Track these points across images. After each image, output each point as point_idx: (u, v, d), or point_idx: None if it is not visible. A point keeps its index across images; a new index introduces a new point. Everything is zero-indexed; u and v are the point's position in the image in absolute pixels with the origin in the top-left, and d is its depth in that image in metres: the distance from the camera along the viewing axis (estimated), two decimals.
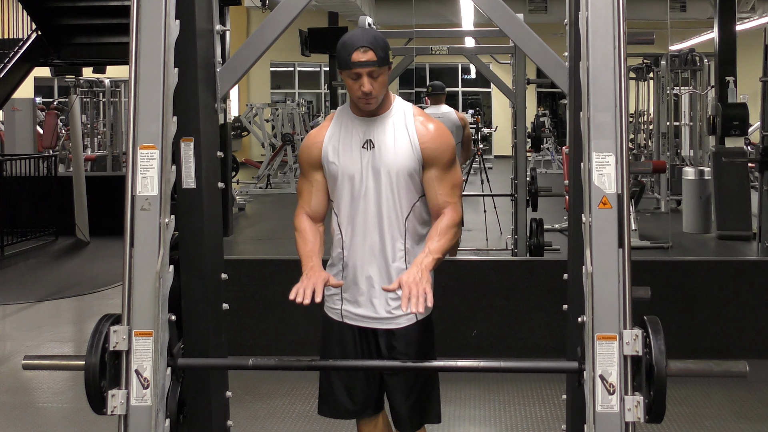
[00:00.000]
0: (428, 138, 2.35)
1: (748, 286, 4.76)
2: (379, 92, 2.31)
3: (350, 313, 2.45)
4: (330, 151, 2.39)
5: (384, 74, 2.31)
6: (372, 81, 2.28)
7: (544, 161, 17.43)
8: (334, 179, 2.39)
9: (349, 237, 2.39)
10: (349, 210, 2.38)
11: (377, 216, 2.36)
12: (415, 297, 2.11)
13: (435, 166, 2.36)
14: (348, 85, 2.32)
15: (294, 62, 21.34)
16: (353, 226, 2.38)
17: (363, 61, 2.26)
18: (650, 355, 1.84)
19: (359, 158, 2.36)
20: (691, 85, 11.41)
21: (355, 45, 2.27)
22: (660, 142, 11.61)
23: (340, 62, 2.31)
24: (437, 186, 2.36)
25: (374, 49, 2.27)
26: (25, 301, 6.55)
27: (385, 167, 2.34)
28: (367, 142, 2.36)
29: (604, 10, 2.02)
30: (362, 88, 2.28)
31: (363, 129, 2.38)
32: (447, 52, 7.48)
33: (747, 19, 14.22)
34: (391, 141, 2.35)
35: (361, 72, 2.27)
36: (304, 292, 2.17)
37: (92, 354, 1.94)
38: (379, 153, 2.35)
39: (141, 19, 2.10)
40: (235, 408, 2.58)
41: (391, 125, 2.37)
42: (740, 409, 4.04)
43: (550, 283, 4.57)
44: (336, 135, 2.40)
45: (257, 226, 11.09)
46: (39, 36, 9.17)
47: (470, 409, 4.05)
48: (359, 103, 2.34)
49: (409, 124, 2.37)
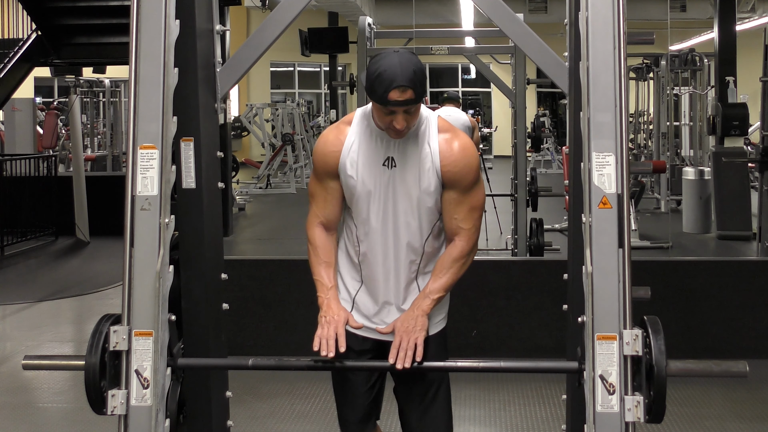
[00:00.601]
0: (451, 160, 2.20)
1: (748, 286, 4.76)
2: (412, 124, 2.17)
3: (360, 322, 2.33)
4: (348, 164, 2.23)
5: (419, 108, 2.16)
6: (407, 117, 2.13)
7: (544, 161, 17.44)
8: (351, 193, 2.26)
9: (365, 250, 2.29)
10: (365, 226, 2.27)
11: (394, 236, 2.25)
12: (403, 351, 2.09)
13: (455, 188, 2.22)
14: (378, 115, 2.16)
15: (294, 62, 21.35)
16: (369, 241, 2.27)
17: (401, 101, 2.08)
18: (650, 355, 1.84)
19: (379, 176, 2.22)
20: (691, 85, 11.41)
21: (394, 82, 2.06)
22: (660, 142, 11.61)
23: (373, 94, 2.11)
24: (454, 209, 2.23)
25: (414, 87, 2.08)
26: (25, 301, 6.55)
27: (405, 189, 2.21)
28: (388, 159, 2.22)
29: (604, 10, 2.02)
30: (395, 125, 2.12)
31: (384, 145, 2.22)
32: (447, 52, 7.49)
33: (747, 19, 14.22)
34: (413, 160, 2.20)
35: (398, 110, 2.10)
36: (328, 344, 2.13)
37: (92, 354, 1.94)
38: (401, 172, 2.21)
39: (141, 19, 2.10)
40: (235, 408, 2.58)
41: (413, 143, 2.21)
42: (740, 409, 4.04)
43: (550, 283, 4.57)
44: (355, 147, 2.24)
45: (257, 226, 11.09)
46: (39, 36, 9.17)
47: (470, 409, 4.05)
48: (388, 133, 2.19)
49: (432, 142, 2.21)
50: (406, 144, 2.22)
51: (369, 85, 2.12)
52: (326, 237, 2.33)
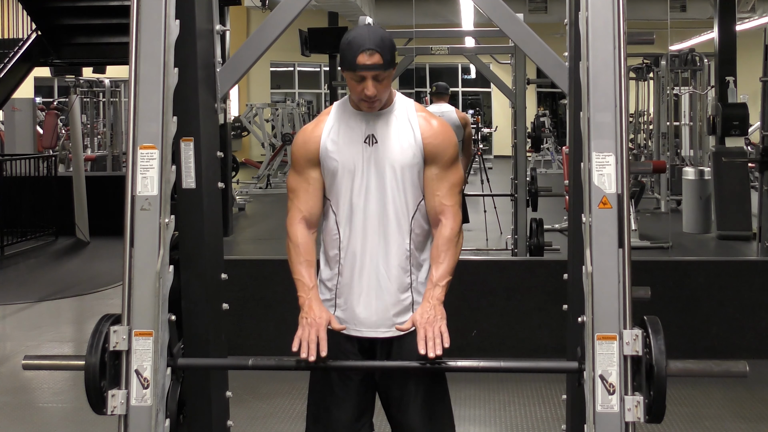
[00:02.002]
0: (431, 133, 2.24)
1: (748, 286, 4.76)
2: (383, 94, 2.20)
3: (343, 321, 2.24)
4: (329, 146, 2.24)
5: (389, 77, 2.20)
6: (377, 84, 2.16)
7: (544, 161, 17.44)
8: (333, 175, 2.24)
9: (347, 237, 2.24)
10: (348, 208, 2.23)
11: (380, 215, 2.21)
12: (431, 340, 2.04)
13: (436, 163, 2.24)
14: (350, 86, 2.21)
15: (294, 62, 21.35)
16: (351, 225, 2.23)
17: (369, 64, 2.13)
18: (650, 355, 1.84)
19: (361, 153, 2.22)
20: (691, 85, 11.41)
21: (362, 47, 2.13)
22: (660, 142, 11.61)
23: (343, 62, 2.18)
24: (436, 185, 2.23)
25: (381, 51, 2.15)
26: (25, 301, 6.54)
27: (389, 163, 2.21)
28: (369, 137, 2.23)
29: (604, 10, 2.02)
30: (366, 92, 2.16)
31: (364, 124, 2.24)
32: (447, 52, 7.49)
33: (747, 19, 14.22)
34: (394, 136, 2.23)
35: (366, 75, 2.15)
36: (309, 348, 2.06)
37: (92, 354, 1.94)
38: (383, 148, 2.22)
39: (141, 19, 2.10)
40: (235, 408, 2.58)
41: (393, 120, 2.25)
42: (740, 409, 4.04)
43: (550, 283, 4.57)
44: (335, 129, 2.26)
45: (257, 226, 11.09)
46: (39, 36, 9.17)
47: (470, 409, 4.05)
48: (361, 105, 2.23)
49: (412, 119, 2.25)
50: (386, 122, 2.25)
51: (341, 55, 2.17)
52: (307, 235, 2.26)
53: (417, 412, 2.27)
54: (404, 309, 2.24)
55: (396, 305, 2.24)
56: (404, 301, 2.24)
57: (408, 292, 2.25)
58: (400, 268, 2.24)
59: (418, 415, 2.27)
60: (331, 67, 15.69)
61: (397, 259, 2.23)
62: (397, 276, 2.23)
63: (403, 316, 2.23)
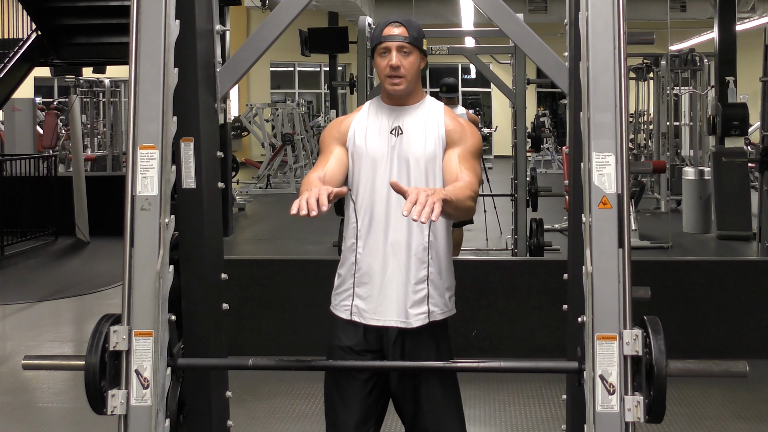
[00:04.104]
0: (454, 126, 2.30)
1: (748, 286, 4.76)
2: (408, 72, 2.25)
3: (360, 310, 2.28)
4: (357, 134, 2.30)
5: (414, 55, 2.26)
6: (401, 58, 2.24)
7: (544, 161, 17.44)
8: (356, 163, 2.28)
9: (366, 226, 2.26)
10: (369, 196, 2.26)
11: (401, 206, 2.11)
12: (421, 205, 1.84)
13: (456, 146, 2.26)
14: (378, 67, 2.28)
15: (294, 62, 21.35)
16: (372, 214, 2.25)
17: (394, 34, 2.25)
18: (650, 355, 1.84)
19: (386, 143, 2.27)
20: (691, 85, 11.41)
21: (389, 21, 2.28)
22: (660, 142, 11.61)
23: (372, 41, 2.29)
24: (454, 165, 2.22)
25: (407, 26, 2.26)
26: (25, 301, 6.55)
27: (413, 154, 2.25)
28: (395, 128, 2.29)
29: (604, 10, 2.02)
30: (390, 62, 2.23)
31: (393, 116, 2.31)
32: (447, 52, 7.47)
33: (747, 19, 14.23)
34: (420, 129, 2.28)
35: (391, 46, 2.24)
36: (308, 204, 1.87)
37: (92, 354, 1.94)
38: (408, 140, 2.27)
39: (141, 19, 2.10)
40: (235, 408, 2.58)
41: (422, 115, 2.31)
42: (740, 409, 4.05)
43: (550, 283, 4.57)
44: (364, 120, 2.33)
45: (257, 226, 11.09)
46: (39, 36, 9.17)
47: (470, 409, 4.05)
48: (387, 84, 2.27)
49: (439, 118, 2.31)
50: (414, 115, 2.30)
51: (371, 37, 2.32)
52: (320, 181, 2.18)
53: (431, 417, 2.30)
54: (419, 300, 2.26)
55: (411, 296, 2.25)
56: (419, 293, 2.26)
57: (424, 284, 2.26)
58: (418, 259, 2.25)
59: (431, 420, 2.31)
60: (331, 67, 15.70)
61: (415, 251, 2.25)
62: (415, 268, 2.25)
63: (417, 307, 2.25)
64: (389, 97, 2.32)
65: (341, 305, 2.33)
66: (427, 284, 2.26)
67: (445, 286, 2.31)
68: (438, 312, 2.29)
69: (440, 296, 2.30)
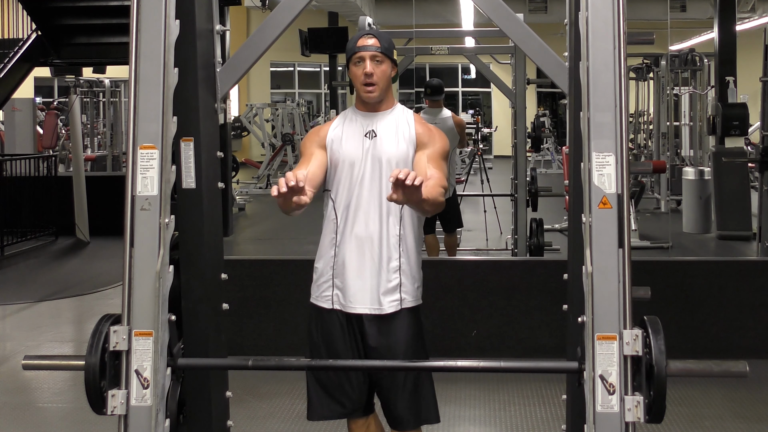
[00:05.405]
0: (423, 130, 2.50)
1: (748, 286, 4.76)
2: (381, 80, 2.45)
3: (340, 299, 2.47)
4: (334, 139, 2.49)
5: (386, 64, 2.46)
6: (374, 66, 2.43)
7: (544, 161, 17.43)
8: (335, 165, 2.47)
9: (343, 221, 2.45)
10: (346, 195, 2.45)
11: (376, 202, 2.42)
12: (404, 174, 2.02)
13: (424, 149, 2.45)
14: (353, 76, 2.46)
15: (294, 62, 21.35)
16: (348, 211, 2.44)
17: (368, 45, 2.44)
18: (650, 355, 1.84)
19: (361, 146, 2.46)
20: (691, 85, 11.41)
21: (361, 33, 2.49)
22: (660, 142, 11.61)
23: (347, 53, 2.48)
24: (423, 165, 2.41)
25: (378, 37, 2.47)
26: (25, 301, 6.54)
27: (386, 155, 2.44)
28: (369, 132, 2.48)
29: (604, 10, 2.02)
30: (364, 70, 2.42)
31: (367, 121, 2.49)
32: (447, 52, 7.48)
33: (747, 19, 14.23)
34: (393, 132, 2.47)
35: (364, 56, 2.43)
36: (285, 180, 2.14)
37: (92, 354, 1.94)
38: (381, 142, 2.46)
39: (141, 19, 2.10)
40: (235, 408, 2.58)
41: (393, 120, 2.50)
42: (740, 409, 4.04)
43: (550, 283, 4.57)
44: (340, 127, 2.52)
45: (257, 226, 11.09)
46: (39, 36, 9.16)
47: (470, 409, 4.05)
48: (362, 92, 2.46)
49: (410, 122, 2.51)
50: (386, 120, 2.49)
51: (346, 49, 2.48)
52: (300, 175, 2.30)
53: (405, 401, 2.48)
54: (392, 289, 2.44)
55: (384, 285, 2.43)
56: (392, 282, 2.44)
57: (396, 274, 2.44)
58: (391, 251, 2.43)
59: (405, 404, 2.48)
60: (331, 67, 15.69)
61: (388, 243, 2.43)
62: (388, 259, 2.43)
63: (390, 295, 2.44)
64: (363, 104, 2.51)
65: (322, 296, 2.51)
66: (399, 274, 2.44)
67: (415, 276, 2.49)
68: (409, 299, 2.47)
69: (411, 285, 2.47)
